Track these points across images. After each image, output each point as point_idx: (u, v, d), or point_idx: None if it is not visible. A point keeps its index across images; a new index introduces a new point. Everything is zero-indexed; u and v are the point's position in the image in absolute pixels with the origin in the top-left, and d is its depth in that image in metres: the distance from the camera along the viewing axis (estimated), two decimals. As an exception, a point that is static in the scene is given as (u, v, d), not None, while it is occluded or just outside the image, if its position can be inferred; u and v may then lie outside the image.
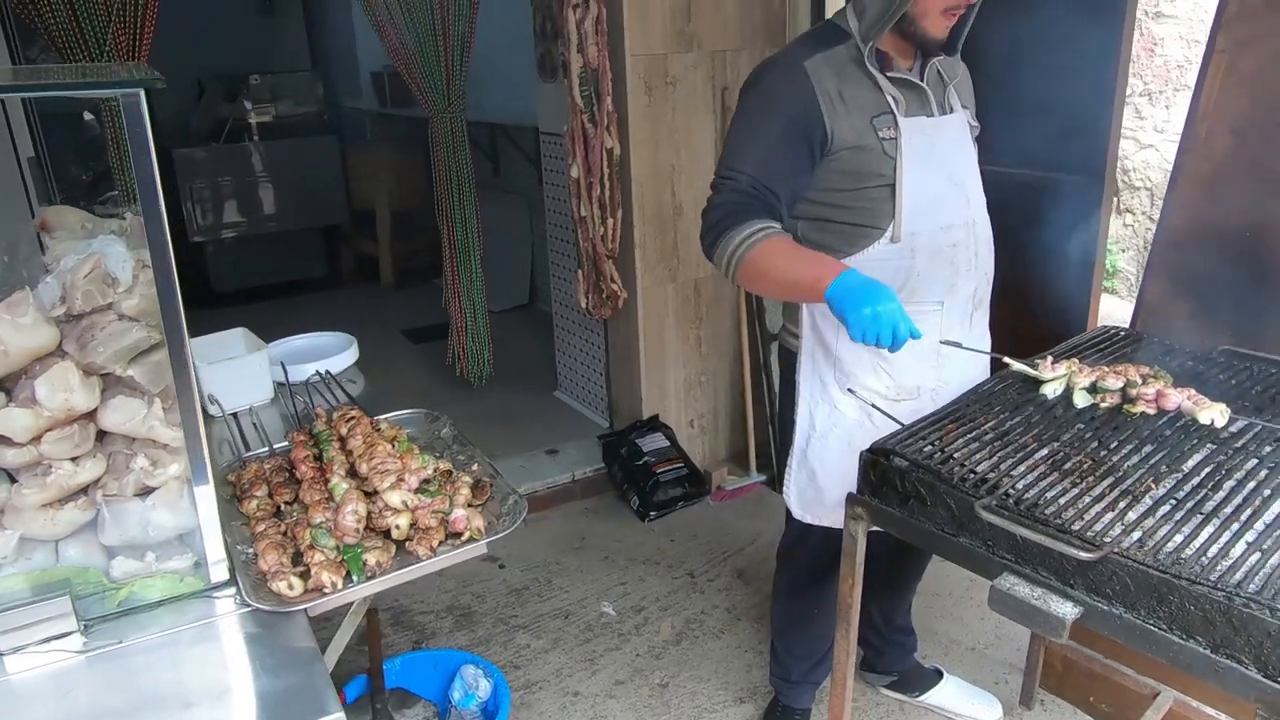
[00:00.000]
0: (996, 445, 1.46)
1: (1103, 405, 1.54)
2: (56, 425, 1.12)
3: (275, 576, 1.16)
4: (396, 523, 1.23)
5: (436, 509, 1.25)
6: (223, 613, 1.19)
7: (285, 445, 1.53)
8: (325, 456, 1.39)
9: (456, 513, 1.25)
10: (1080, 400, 1.56)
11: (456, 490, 1.31)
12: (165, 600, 1.18)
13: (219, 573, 1.19)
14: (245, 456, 1.53)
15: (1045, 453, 1.44)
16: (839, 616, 1.63)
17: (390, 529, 1.23)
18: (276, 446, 1.54)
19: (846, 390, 1.75)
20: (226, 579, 1.20)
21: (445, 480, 1.34)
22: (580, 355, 3.86)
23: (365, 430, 1.42)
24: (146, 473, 1.14)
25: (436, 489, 1.30)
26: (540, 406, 4.04)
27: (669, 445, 3.37)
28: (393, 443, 1.38)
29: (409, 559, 1.24)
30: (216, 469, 1.48)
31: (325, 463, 1.38)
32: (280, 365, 1.82)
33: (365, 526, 1.24)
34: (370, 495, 1.27)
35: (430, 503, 1.25)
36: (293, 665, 1.09)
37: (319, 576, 1.15)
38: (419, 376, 4.47)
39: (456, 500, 1.28)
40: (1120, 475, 1.35)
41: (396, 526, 1.23)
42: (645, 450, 3.34)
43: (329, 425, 1.50)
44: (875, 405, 1.63)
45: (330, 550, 1.20)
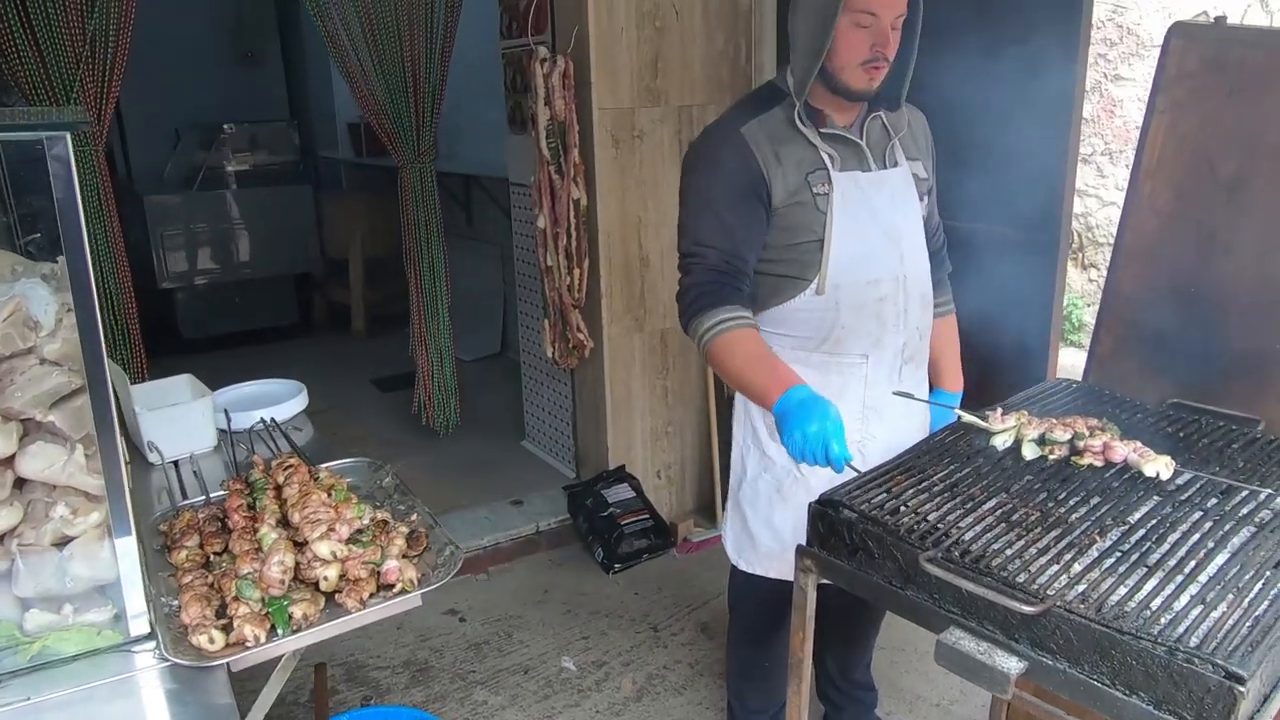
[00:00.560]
0: (945, 497, 1.45)
1: (1051, 457, 1.54)
2: (-29, 472, 1.09)
3: (196, 630, 1.12)
4: (325, 574, 1.19)
5: (367, 560, 1.21)
6: (141, 667, 1.14)
7: (222, 494, 1.49)
8: (258, 505, 1.36)
9: (389, 564, 1.22)
10: (1029, 452, 1.55)
11: (391, 541, 1.28)
12: (81, 654, 1.14)
13: (139, 626, 1.15)
14: (180, 505, 1.49)
15: (993, 504, 1.43)
16: (790, 671, 1.59)
17: (319, 580, 1.20)
18: (213, 495, 1.50)
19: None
20: (147, 632, 1.16)
21: (380, 530, 1.31)
22: (548, 405, 3.84)
23: (302, 479, 1.39)
24: (66, 521, 1.10)
25: (370, 539, 1.26)
26: (507, 456, 4.00)
27: (635, 496, 3.34)
28: (329, 492, 1.35)
29: (339, 611, 1.20)
30: (149, 518, 1.45)
31: (258, 512, 1.35)
32: (224, 412, 1.79)
33: (294, 578, 1.21)
34: (301, 545, 1.24)
35: (361, 553, 1.22)
36: (208, 724, 1.05)
37: (241, 630, 1.11)
38: (385, 425, 4.43)
39: (390, 551, 1.25)
40: (1067, 527, 1.34)
41: (325, 578, 1.19)
42: (611, 501, 3.30)
43: (266, 473, 1.47)
44: (857, 469, 1.56)
45: (255, 602, 1.16)
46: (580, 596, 3.08)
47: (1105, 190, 5.04)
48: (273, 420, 1.79)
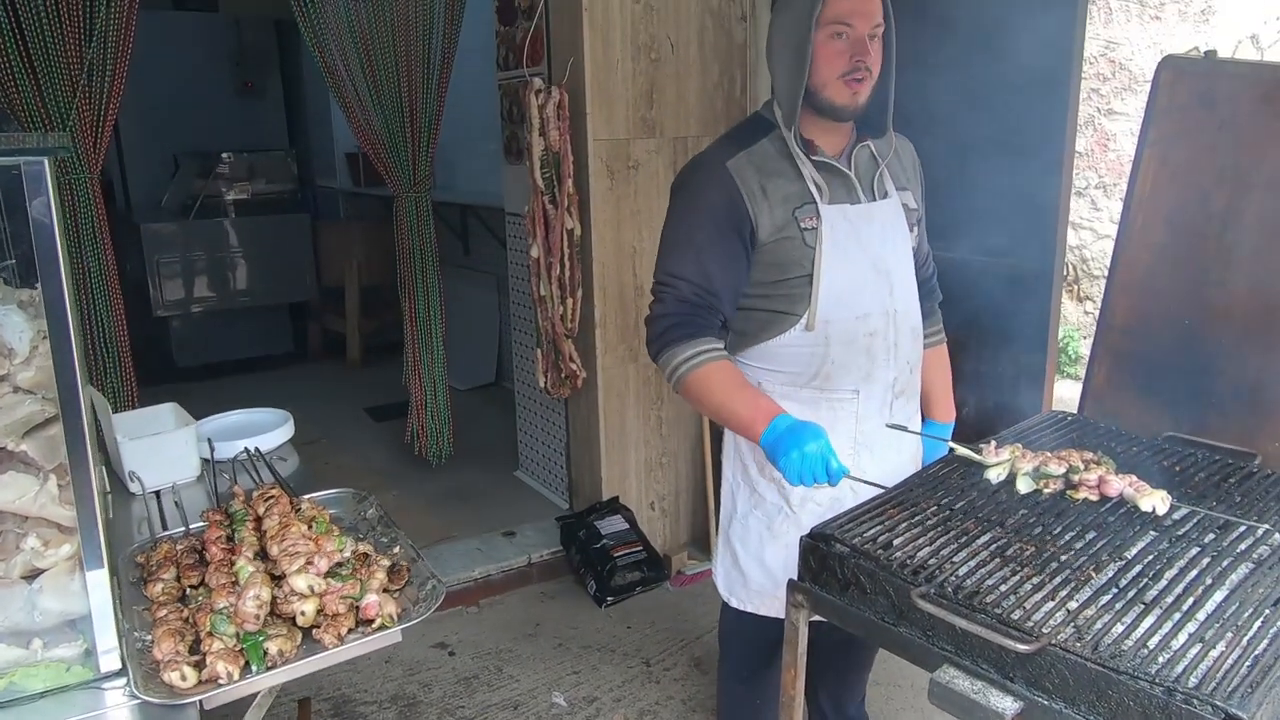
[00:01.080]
0: (938, 531, 1.43)
1: (1046, 491, 1.52)
2: (-58, 501, 1.06)
3: (168, 666, 1.09)
4: (302, 609, 1.16)
5: (346, 594, 1.18)
6: (111, 705, 1.11)
7: (202, 525, 1.47)
8: (237, 537, 1.33)
9: (368, 598, 1.19)
10: (1024, 486, 1.53)
11: (371, 574, 1.25)
12: (49, 691, 1.10)
13: (109, 662, 1.12)
14: (158, 536, 1.46)
15: (987, 539, 1.40)
16: (781, 709, 1.56)
17: (296, 615, 1.17)
18: (193, 527, 1.47)
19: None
20: (118, 668, 1.13)
21: (361, 563, 1.28)
22: (541, 435, 3.81)
23: (283, 510, 1.36)
24: (37, 553, 1.08)
25: (349, 573, 1.24)
26: (499, 487, 3.96)
27: (628, 528, 3.30)
28: (310, 524, 1.32)
29: (316, 647, 1.17)
30: (128, 549, 1.42)
31: (236, 544, 1.32)
32: (208, 442, 1.76)
33: (271, 612, 1.18)
34: (279, 579, 1.21)
35: (340, 587, 1.19)
36: (177, 764, 1.01)
37: (214, 667, 1.08)
38: (378, 455, 4.40)
39: (370, 585, 1.22)
40: (1062, 563, 1.31)
41: (302, 613, 1.16)
42: (604, 533, 3.26)
43: (246, 505, 1.44)
44: (861, 479, 1.57)
45: (229, 638, 1.13)
46: (572, 630, 3.04)
47: (1100, 223, 5.06)
48: (256, 450, 1.76)
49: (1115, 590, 1.25)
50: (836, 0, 1.54)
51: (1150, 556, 1.32)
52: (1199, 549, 1.35)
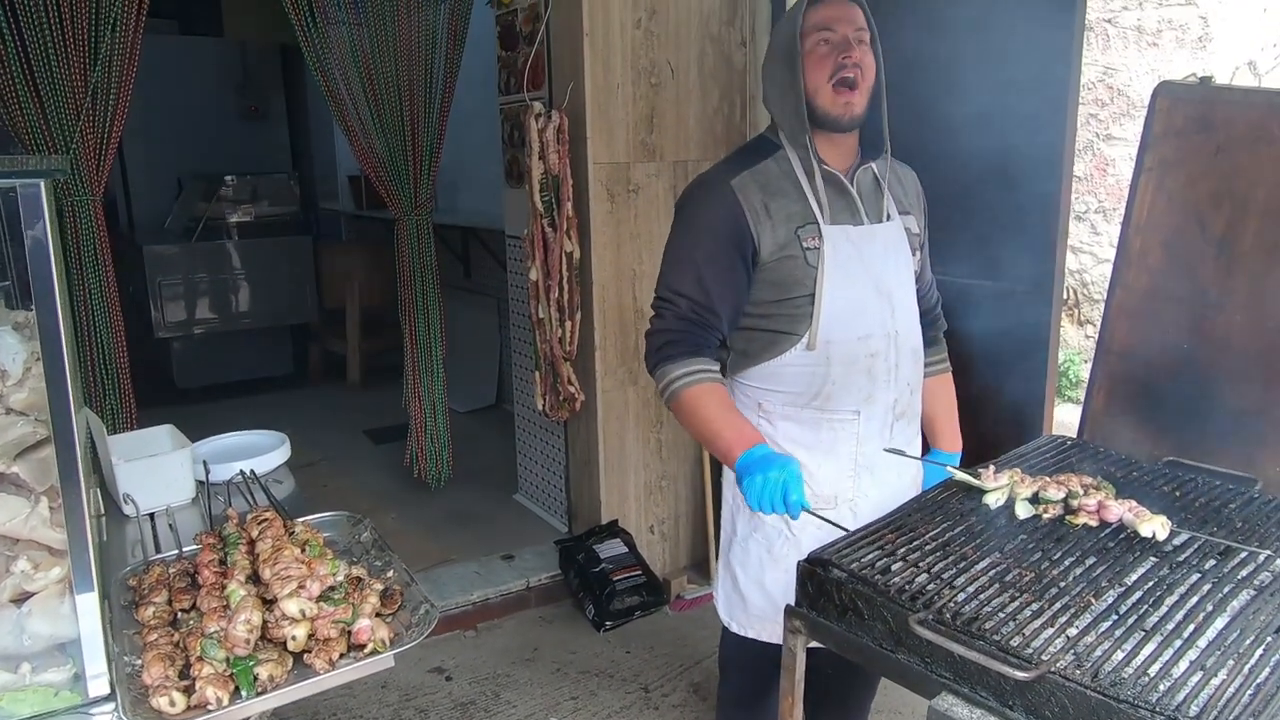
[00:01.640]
0: (937, 556, 1.42)
1: (1045, 516, 1.51)
2: (-68, 523, 1.06)
3: (157, 691, 1.08)
4: (293, 633, 1.15)
5: (338, 619, 1.17)
6: (99, 731, 1.10)
7: (195, 548, 1.46)
8: (229, 560, 1.32)
9: (360, 623, 1.18)
10: (1022, 511, 1.52)
11: (364, 599, 1.24)
12: (37, 716, 1.09)
13: (98, 687, 1.11)
14: (151, 559, 1.45)
15: (986, 564, 1.39)
16: (779, 738, 1.54)
17: (287, 640, 1.16)
18: (186, 550, 1.46)
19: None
20: (107, 693, 1.12)
21: (354, 588, 1.27)
22: (540, 458, 3.80)
23: (276, 533, 1.35)
24: (26, 576, 1.07)
25: (341, 597, 1.22)
26: (499, 510, 3.94)
27: (627, 552, 3.28)
28: (304, 547, 1.31)
29: (307, 672, 1.16)
30: (119, 572, 1.41)
31: (229, 567, 1.31)
32: (203, 464, 1.76)
33: (263, 636, 1.17)
34: (270, 603, 1.20)
35: (332, 611, 1.18)
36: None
37: (203, 692, 1.07)
38: (377, 478, 4.38)
39: (362, 609, 1.21)
40: (1061, 589, 1.30)
41: (293, 637, 1.15)
42: (603, 557, 3.24)
43: (240, 528, 1.43)
44: (821, 515, 1.56)
45: (219, 663, 1.12)
46: (570, 655, 3.01)
47: (1100, 247, 5.06)
48: (252, 472, 1.75)
49: (1115, 617, 1.24)
50: (815, 11, 1.61)
51: (1150, 583, 1.31)
52: (1199, 575, 1.33)
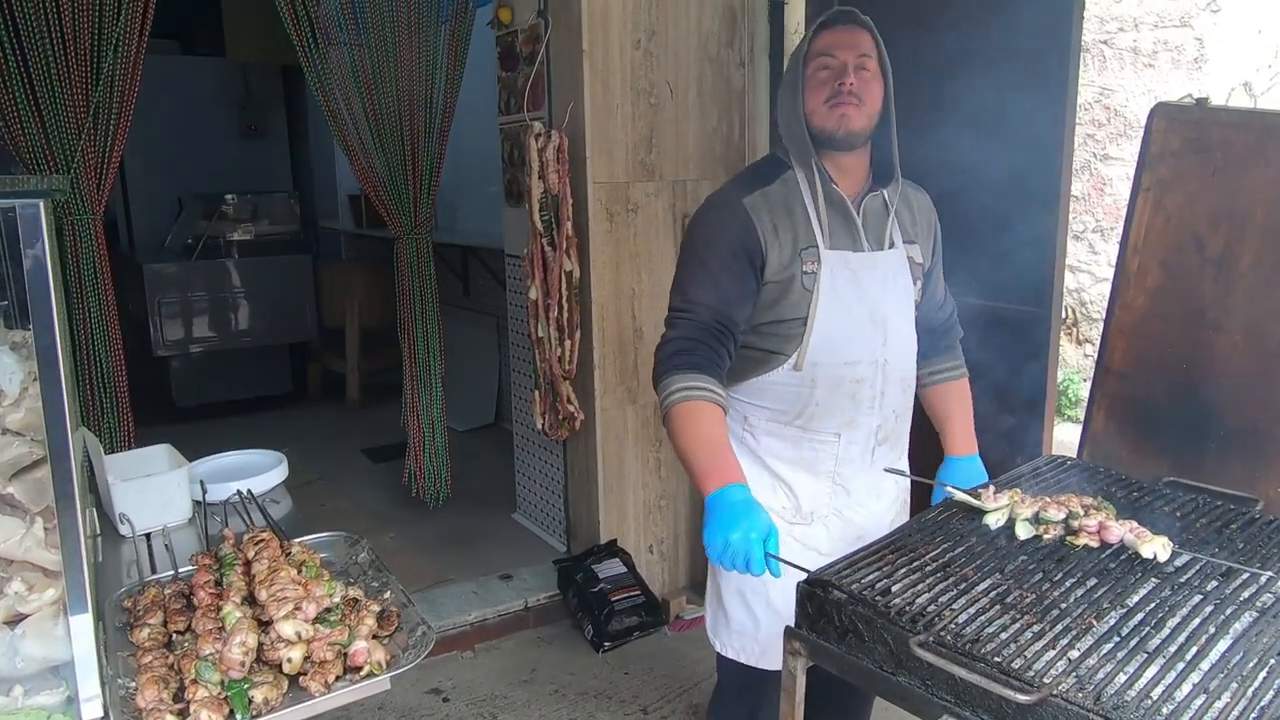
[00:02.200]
0: (938, 577, 1.41)
1: (1046, 537, 1.50)
2: (-74, 544, 1.05)
3: (151, 715, 1.07)
4: (289, 655, 1.14)
5: (334, 641, 1.16)
6: (92, 755, 1.09)
7: (191, 569, 1.45)
8: (225, 582, 1.31)
9: (357, 645, 1.17)
10: (1023, 532, 1.52)
11: (360, 620, 1.23)
12: (29, 741, 1.08)
13: (92, 710, 1.10)
14: (146, 580, 1.44)
15: (987, 586, 1.38)
16: (779, 761, 1.52)
17: (283, 662, 1.15)
18: (181, 570, 1.45)
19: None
20: (100, 716, 1.10)
21: (350, 609, 1.26)
22: (539, 477, 3.79)
23: (273, 554, 1.34)
24: (20, 598, 1.06)
25: (338, 619, 1.22)
26: (497, 529, 3.93)
27: (626, 572, 3.26)
28: (300, 568, 1.30)
29: (302, 695, 1.15)
30: (114, 594, 1.40)
31: (224, 588, 1.30)
32: (200, 484, 1.75)
33: (258, 659, 1.16)
34: (266, 625, 1.19)
35: (328, 634, 1.17)
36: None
37: (197, 715, 1.06)
38: (375, 497, 4.37)
39: (359, 631, 1.20)
40: (1063, 610, 1.29)
41: (288, 660, 1.14)
42: (601, 577, 3.23)
43: (236, 548, 1.43)
44: (788, 560, 1.47)
45: (214, 685, 1.11)
46: (569, 676, 2.99)
47: (1098, 266, 5.08)
48: (249, 492, 1.75)
49: (1117, 639, 1.23)
50: (823, 36, 1.65)
51: (1152, 604, 1.30)
52: (1201, 597, 1.32)
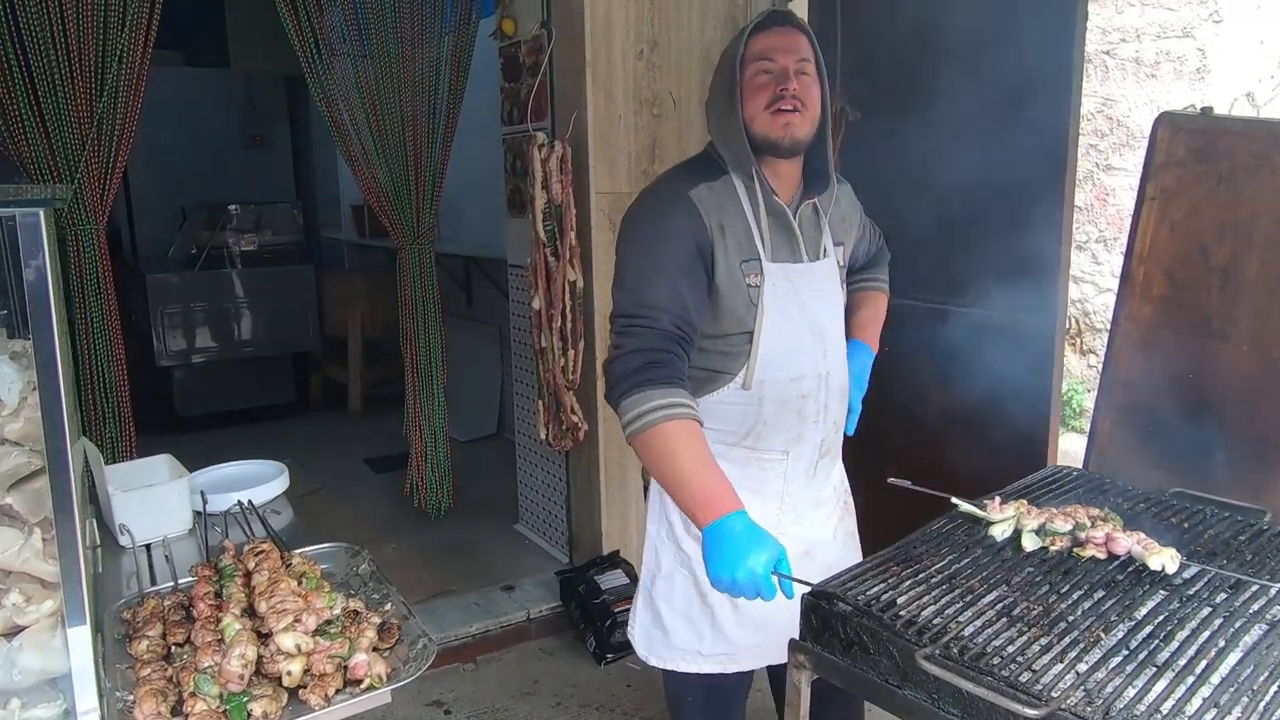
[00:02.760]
0: (943, 590, 1.39)
1: (1052, 548, 1.49)
2: (-77, 555, 1.04)
3: (148, 728, 1.06)
4: (288, 668, 1.13)
5: (334, 653, 1.15)
6: (89, 769, 1.07)
7: (191, 580, 1.44)
8: (224, 593, 1.30)
9: (357, 657, 1.16)
10: (1029, 543, 1.50)
11: (361, 632, 1.22)
12: (26, 754, 1.07)
13: (89, 723, 1.09)
14: (146, 592, 1.43)
15: (993, 598, 1.37)
16: (783, 777, 1.51)
17: (282, 675, 1.14)
18: (181, 582, 1.44)
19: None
20: (97, 730, 1.10)
21: (350, 621, 1.25)
22: (541, 487, 3.77)
23: (273, 565, 1.33)
24: (18, 609, 1.05)
25: (338, 631, 1.20)
26: (499, 540, 3.91)
27: (629, 583, 3.24)
28: (300, 579, 1.29)
29: (302, 709, 1.14)
30: (113, 605, 1.39)
31: (224, 600, 1.29)
32: (200, 494, 1.74)
33: (257, 671, 1.15)
34: (266, 637, 1.18)
35: (328, 646, 1.16)
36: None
37: (195, 729, 1.05)
38: (377, 507, 4.35)
39: (359, 643, 1.19)
40: (1070, 623, 1.28)
41: (288, 673, 1.13)
42: (604, 588, 3.21)
43: (236, 559, 1.42)
44: (799, 579, 1.41)
45: (212, 699, 1.09)
46: (571, 688, 2.97)
47: (1101, 276, 5.07)
48: (249, 503, 1.74)
49: (1126, 652, 1.22)
50: (759, 39, 1.57)
51: (1161, 617, 1.29)
52: (1210, 609, 1.31)
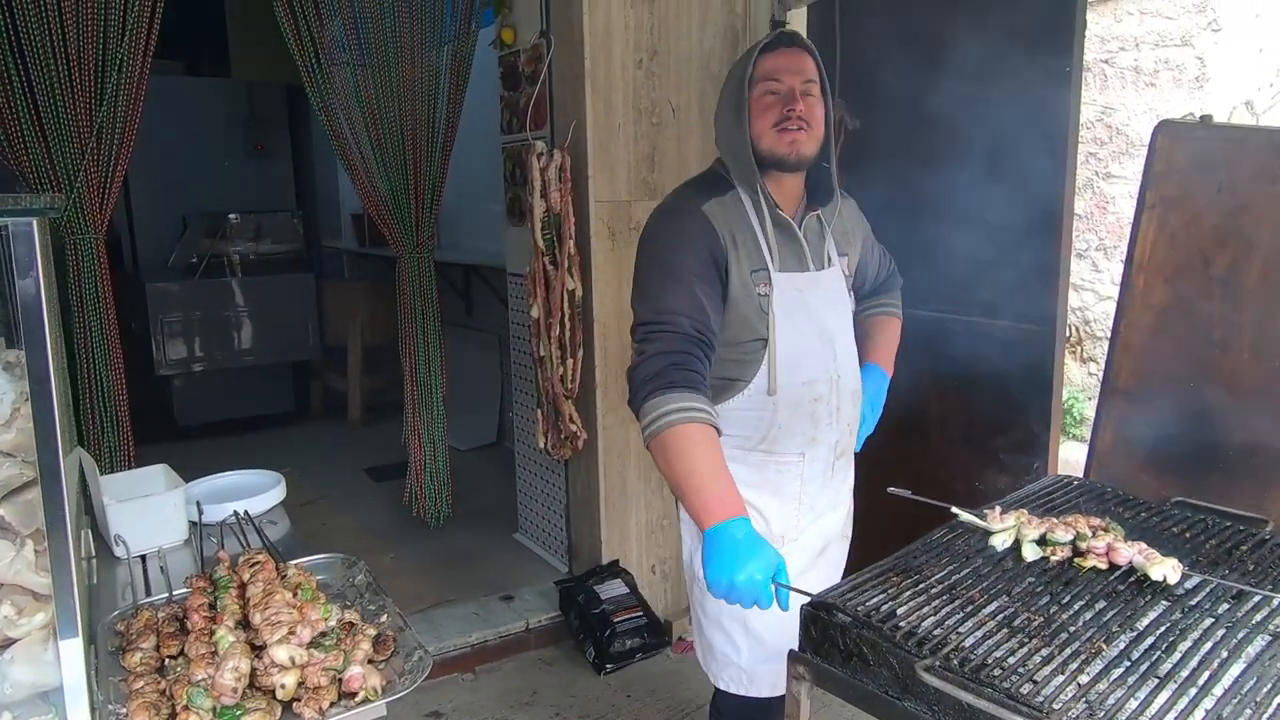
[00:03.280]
0: (944, 600, 1.38)
1: (1053, 558, 1.48)
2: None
3: (141, 742, 1.05)
4: (282, 681, 1.12)
5: (329, 666, 1.14)
6: (80, 783, 1.06)
7: (185, 591, 1.43)
8: (219, 605, 1.29)
9: (352, 670, 1.15)
10: (1030, 553, 1.49)
11: (356, 644, 1.21)
12: (17, 768, 1.06)
13: (81, 737, 1.08)
14: (140, 603, 1.42)
15: (994, 608, 1.36)
16: (782, 790, 1.49)
17: (276, 688, 1.13)
18: (176, 593, 1.43)
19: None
20: (89, 744, 1.09)
21: (346, 633, 1.24)
22: (541, 496, 3.76)
23: (268, 576, 1.32)
24: (9, 622, 1.04)
25: (333, 643, 1.19)
26: (498, 549, 3.90)
27: (628, 592, 3.23)
28: (296, 591, 1.28)
29: (296, 722, 1.13)
30: (107, 617, 1.38)
31: (218, 612, 1.28)
32: (196, 505, 1.73)
33: (251, 684, 1.14)
34: (260, 649, 1.17)
35: (322, 659, 1.15)
36: None
37: (188, 743, 1.04)
38: (376, 516, 4.34)
39: (354, 656, 1.18)
40: (1072, 634, 1.27)
41: (282, 686, 1.12)
42: (603, 597, 3.19)
43: (231, 570, 1.41)
44: (797, 589, 1.41)
45: (205, 712, 1.08)
46: (570, 699, 2.95)
47: (1101, 284, 5.07)
48: (246, 513, 1.73)
49: (1127, 663, 1.21)
50: (766, 59, 1.62)
51: (1163, 628, 1.28)
52: (1213, 620, 1.30)
